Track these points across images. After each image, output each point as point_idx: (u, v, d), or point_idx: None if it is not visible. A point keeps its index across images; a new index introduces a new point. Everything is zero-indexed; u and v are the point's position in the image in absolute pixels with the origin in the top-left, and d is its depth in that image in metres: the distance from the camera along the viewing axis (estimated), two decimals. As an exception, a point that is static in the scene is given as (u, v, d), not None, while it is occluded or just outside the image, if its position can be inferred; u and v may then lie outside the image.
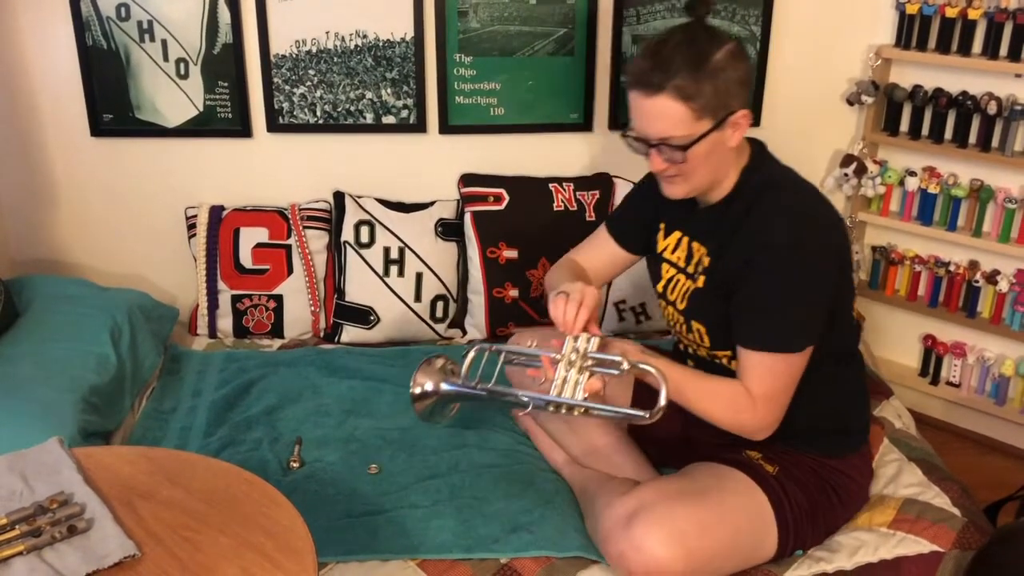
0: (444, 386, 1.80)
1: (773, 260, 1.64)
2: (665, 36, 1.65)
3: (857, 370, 1.90)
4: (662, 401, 1.59)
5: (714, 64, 1.59)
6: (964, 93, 2.52)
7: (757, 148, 1.77)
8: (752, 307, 1.68)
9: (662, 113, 1.61)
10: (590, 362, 1.64)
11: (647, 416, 1.62)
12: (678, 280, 1.84)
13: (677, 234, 1.86)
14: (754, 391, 1.69)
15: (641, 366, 1.63)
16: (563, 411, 1.64)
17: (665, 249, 1.89)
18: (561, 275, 1.97)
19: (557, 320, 1.68)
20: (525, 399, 1.67)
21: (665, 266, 1.88)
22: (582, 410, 1.63)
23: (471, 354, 1.83)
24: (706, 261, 1.77)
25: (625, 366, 1.61)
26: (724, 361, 1.80)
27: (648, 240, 1.96)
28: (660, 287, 1.91)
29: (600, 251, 2.04)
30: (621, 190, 2.65)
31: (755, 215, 1.68)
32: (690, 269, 1.81)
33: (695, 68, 1.58)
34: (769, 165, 1.76)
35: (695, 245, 1.81)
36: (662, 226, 1.90)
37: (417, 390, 1.82)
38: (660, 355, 1.77)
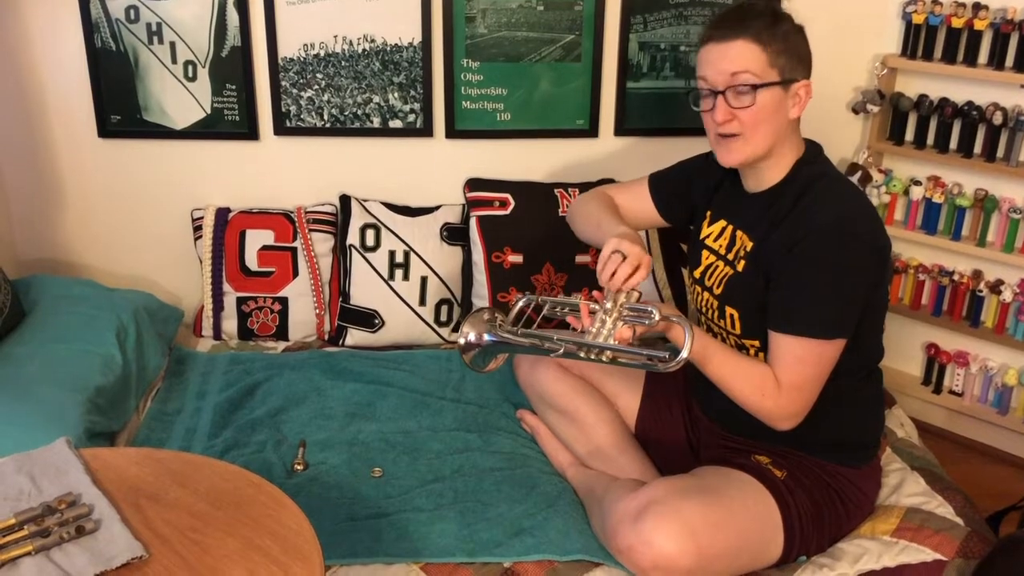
0: (487, 337, 1.86)
1: (817, 245, 1.66)
2: (739, 3, 1.77)
3: (877, 384, 1.91)
4: (684, 353, 1.61)
5: (787, 28, 1.72)
6: (970, 103, 2.53)
7: (813, 146, 1.81)
8: (789, 291, 1.69)
9: (739, 53, 1.69)
10: (625, 312, 1.66)
11: (668, 359, 1.61)
12: (717, 266, 1.86)
13: (722, 223, 1.88)
14: (782, 379, 1.69)
15: (672, 319, 1.65)
16: (592, 355, 1.66)
17: (708, 236, 1.90)
18: (603, 210, 1.97)
19: (603, 275, 1.68)
20: (559, 344, 1.71)
21: (705, 252, 1.90)
22: (609, 356, 1.65)
23: (519, 304, 1.87)
24: (749, 246, 1.78)
25: (656, 316, 1.63)
26: (751, 352, 1.80)
27: (685, 214, 1.99)
28: (698, 273, 1.92)
29: (636, 202, 2.06)
30: (626, 196, 2.66)
31: (806, 202, 1.71)
32: (730, 256, 1.83)
33: (771, 23, 1.70)
34: (823, 162, 1.80)
35: (739, 233, 1.82)
36: (708, 214, 1.92)
37: (462, 340, 1.86)
38: (707, 338, 1.76)
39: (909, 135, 2.69)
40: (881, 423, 1.96)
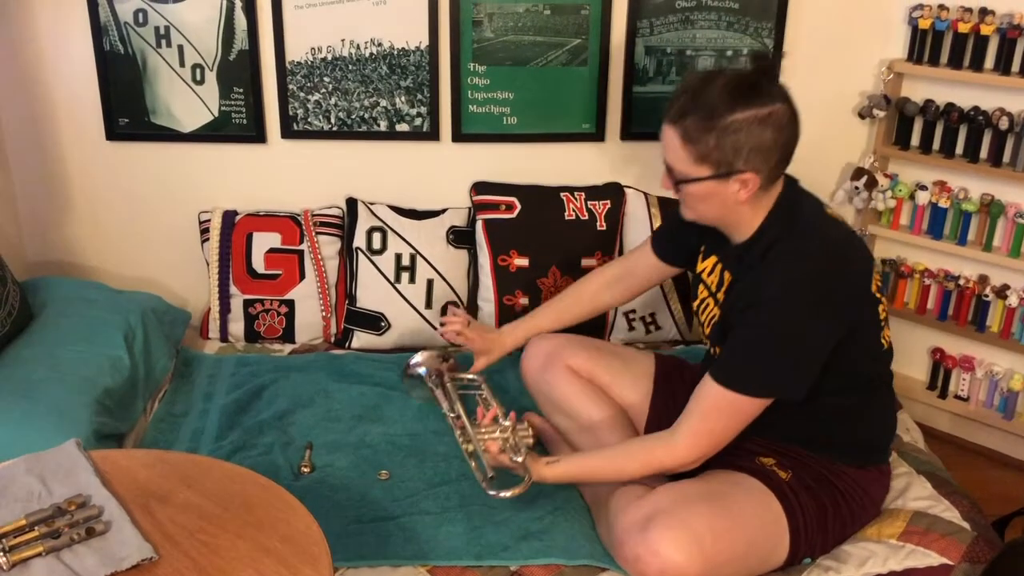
0: (420, 371, 2.23)
1: (761, 312, 1.70)
2: (711, 76, 1.70)
3: (885, 394, 1.91)
4: (504, 493, 1.79)
5: (729, 123, 1.64)
6: (976, 108, 2.53)
7: (787, 190, 1.78)
8: (733, 344, 1.75)
9: (668, 143, 1.74)
10: (511, 440, 1.84)
11: (496, 490, 1.81)
12: (708, 304, 1.90)
13: (713, 259, 1.90)
14: (691, 424, 1.74)
15: (526, 473, 1.80)
16: (460, 437, 1.94)
17: (703, 271, 1.93)
18: (552, 303, 2.25)
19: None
20: (455, 415, 2.01)
21: (701, 287, 1.94)
22: (470, 449, 1.90)
23: (468, 378, 2.18)
24: (721, 296, 1.84)
25: (520, 460, 1.81)
26: None
27: (688, 255, 2.02)
28: (695, 305, 1.97)
29: (643, 261, 2.14)
30: (632, 200, 2.66)
31: (764, 264, 1.72)
32: (719, 296, 1.86)
33: (706, 118, 1.65)
34: (794, 210, 1.76)
35: (727, 274, 1.85)
36: (703, 248, 1.95)
37: (411, 360, 2.26)
38: (574, 459, 1.88)
39: (915, 140, 2.69)
40: (892, 428, 1.96)
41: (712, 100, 1.65)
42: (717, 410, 1.73)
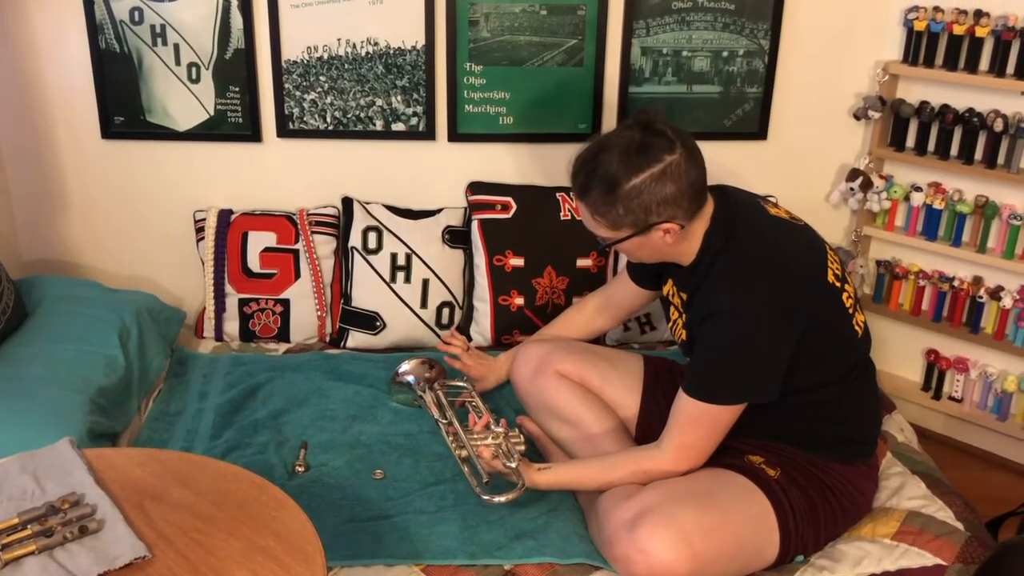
0: (409, 379, 2.25)
1: (713, 325, 1.75)
2: (600, 145, 1.74)
3: (864, 386, 1.91)
4: (497, 499, 1.83)
5: (629, 189, 1.69)
6: (970, 110, 2.54)
7: (719, 205, 1.81)
8: (698, 357, 1.80)
9: (583, 216, 1.81)
10: (504, 446, 1.88)
11: (491, 494, 1.84)
12: (678, 324, 1.94)
13: (671, 281, 1.95)
14: (674, 437, 1.79)
15: (519, 480, 1.84)
16: (452, 443, 1.97)
17: (669, 294, 1.97)
18: (549, 326, 2.32)
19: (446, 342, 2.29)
20: (447, 421, 2.04)
21: (671, 308, 1.97)
22: (464, 455, 1.93)
23: (460, 395, 2.20)
24: (685, 316, 1.87)
25: (513, 465, 1.85)
26: None
27: (658, 280, 2.06)
28: (669, 326, 2.01)
29: (623, 288, 2.20)
30: (628, 200, 2.66)
31: (712, 278, 1.77)
32: (684, 316, 1.90)
33: (607, 191, 1.71)
34: (731, 220, 1.79)
35: (684, 294, 1.89)
36: (663, 273, 1.99)
37: (400, 369, 2.28)
38: (565, 467, 1.92)
39: (910, 141, 2.70)
40: (877, 421, 1.98)
41: (608, 172, 1.70)
42: (694, 421, 1.78)
